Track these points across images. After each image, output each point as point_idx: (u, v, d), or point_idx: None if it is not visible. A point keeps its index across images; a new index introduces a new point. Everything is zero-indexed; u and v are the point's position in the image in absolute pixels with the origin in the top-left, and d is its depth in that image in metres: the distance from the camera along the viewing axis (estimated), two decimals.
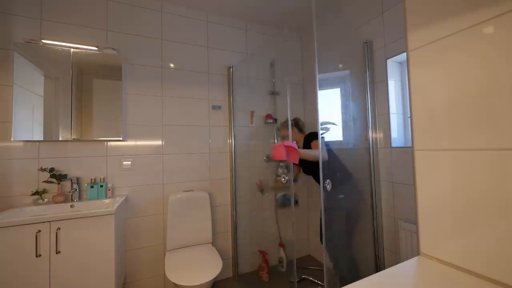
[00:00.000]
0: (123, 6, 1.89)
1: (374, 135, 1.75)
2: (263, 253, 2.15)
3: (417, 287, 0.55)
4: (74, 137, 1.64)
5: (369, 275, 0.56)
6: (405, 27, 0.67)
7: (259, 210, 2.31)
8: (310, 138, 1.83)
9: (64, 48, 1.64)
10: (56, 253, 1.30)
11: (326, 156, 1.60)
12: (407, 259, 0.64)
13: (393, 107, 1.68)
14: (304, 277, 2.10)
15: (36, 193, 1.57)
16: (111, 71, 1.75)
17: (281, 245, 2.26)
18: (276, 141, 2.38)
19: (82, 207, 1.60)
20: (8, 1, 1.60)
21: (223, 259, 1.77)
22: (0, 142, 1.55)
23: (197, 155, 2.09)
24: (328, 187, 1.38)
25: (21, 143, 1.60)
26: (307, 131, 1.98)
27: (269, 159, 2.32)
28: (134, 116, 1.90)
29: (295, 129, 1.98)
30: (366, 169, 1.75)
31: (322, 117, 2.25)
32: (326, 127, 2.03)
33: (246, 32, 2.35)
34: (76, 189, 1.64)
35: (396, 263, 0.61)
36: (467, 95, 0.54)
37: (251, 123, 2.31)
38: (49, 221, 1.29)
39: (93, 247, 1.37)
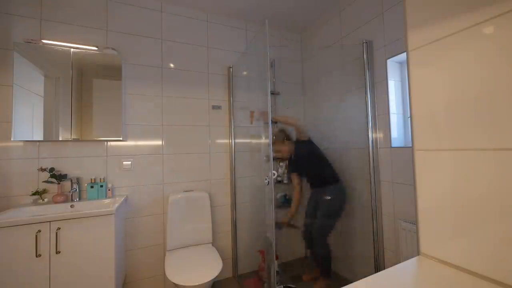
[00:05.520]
0: (123, 6, 1.89)
1: (374, 135, 1.74)
2: (263, 253, 2.15)
3: (417, 287, 0.55)
4: (74, 137, 1.64)
5: (369, 275, 0.56)
6: (405, 27, 0.67)
7: (259, 210, 2.30)
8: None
9: (64, 48, 1.64)
10: (56, 253, 1.30)
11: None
12: (407, 259, 0.64)
13: (393, 107, 1.67)
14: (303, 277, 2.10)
15: (36, 193, 1.57)
16: (111, 71, 1.75)
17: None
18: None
19: (82, 207, 1.60)
20: (8, 1, 1.60)
21: (223, 259, 1.77)
22: (0, 142, 1.55)
23: (197, 155, 2.09)
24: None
25: (21, 143, 1.60)
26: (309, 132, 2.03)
27: (269, 159, 2.31)
28: (134, 116, 1.90)
29: (287, 142, 2.10)
30: (366, 169, 1.75)
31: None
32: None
33: (246, 32, 2.35)
34: (76, 189, 1.64)
35: (396, 263, 0.61)
36: (468, 95, 0.54)
37: (251, 123, 2.31)
38: (49, 221, 1.29)
39: (93, 247, 1.37)
